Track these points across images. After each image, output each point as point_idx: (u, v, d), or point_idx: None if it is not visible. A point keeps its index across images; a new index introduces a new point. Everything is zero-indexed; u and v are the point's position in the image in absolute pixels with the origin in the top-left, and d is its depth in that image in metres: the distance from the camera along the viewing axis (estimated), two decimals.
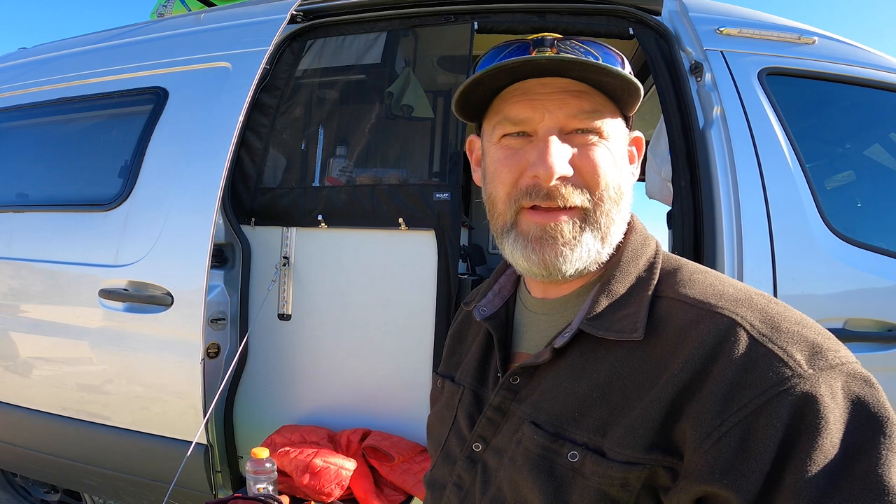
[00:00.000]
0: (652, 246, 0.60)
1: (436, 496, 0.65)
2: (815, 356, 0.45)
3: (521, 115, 0.56)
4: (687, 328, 0.49)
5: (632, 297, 0.55)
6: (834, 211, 1.46)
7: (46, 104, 2.02)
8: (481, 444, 0.60)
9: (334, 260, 1.66)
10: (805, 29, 1.55)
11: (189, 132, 1.68)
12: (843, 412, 0.42)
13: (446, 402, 0.70)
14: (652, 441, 0.47)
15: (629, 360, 0.51)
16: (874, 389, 0.44)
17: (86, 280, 1.66)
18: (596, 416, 0.51)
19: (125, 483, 1.71)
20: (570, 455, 0.51)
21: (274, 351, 1.69)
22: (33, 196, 1.95)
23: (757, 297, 0.51)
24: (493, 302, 0.68)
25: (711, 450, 0.44)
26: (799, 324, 0.47)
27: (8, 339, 1.82)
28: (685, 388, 0.47)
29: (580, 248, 0.54)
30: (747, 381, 0.44)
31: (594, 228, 0.55)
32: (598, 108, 0.55)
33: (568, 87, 0.55)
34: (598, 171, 0.54)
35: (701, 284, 0.53)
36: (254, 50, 1.71)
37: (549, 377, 0.56)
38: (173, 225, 1.58)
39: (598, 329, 0.53)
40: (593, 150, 0.55)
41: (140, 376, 1.62)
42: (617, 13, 1.64)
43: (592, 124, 0.55)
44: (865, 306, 1.41)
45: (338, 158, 1.79)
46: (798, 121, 1.49)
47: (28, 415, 1.76)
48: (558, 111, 0.54)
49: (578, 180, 0.54)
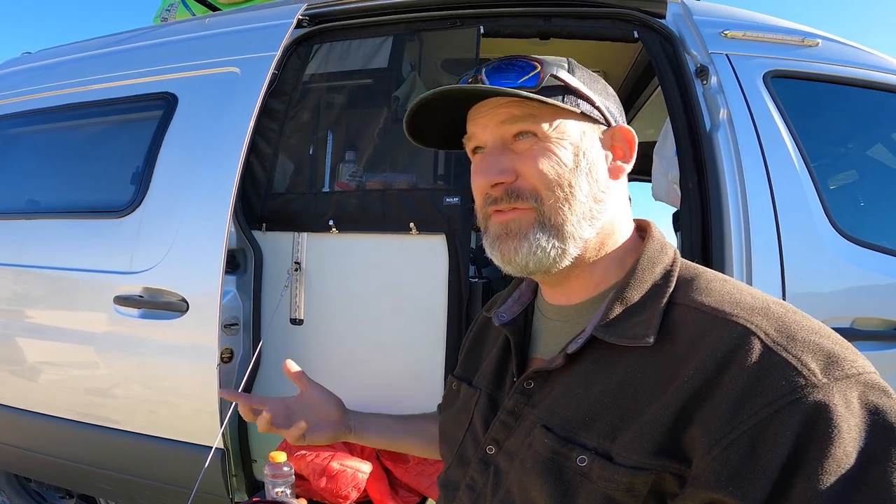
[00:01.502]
0: (669, 254, 0.61)
1: (448, 497, 0.66)
2: (830, 365, 0.44)
3: (471, 132, 0.63)
4: (700, 335, 0.50)
5: (646, 305, 0.56)
6: (840, 211, 1.48)
7: (55, 109, 2.02)
8: (494, 447, 0.62)
9: (346, 265, 1.68)
10: (808, 31, 1.57)
11: (199, 138, 1.69)
12: (858, 422, 0.42)
13: (462, 404, 0.71)
14: (660, 447, 0.48)
15: (641, 366, 0.52)
16: (892, 399, 0.44)
17: (101, 287, 1.67)
18: (607, 422, 0.52)
19: (140, 487, 1.73)
20: (579, 459, 0.52)
21: (287, 355, 1.69)
22: (45, 203, 1.96)
23: (774, 305, 0.51)
24: (512, 308, 0.70)
25: (719, 457, 0.44)
26: (816, 333, 0.47)
27: (22, 346, 1.83)
28: (696, 395, 0.47)
29: (528, 244, 0.57)
30: (759, 389, 0.44)
31: (544, 225, 0.58)
32: (531, 113, 0.58)
33: (501, 101, 0.59)
34: (536, 171, 0.58)
35: (717, 292, 0.54)
36: (262, 55, 1.72)
37: (562, 382, 0.57)
38: (186, 231, 1.60)
39: (610, 335, 0.55)
40: (531, 152, 0.58)
41: (155, 381, 1.64)
42: (621, 16, 1.65)
43: (525, 126, 0.58)
44: (872, 305, 1.42)
45: (347, 163, 1.80)
46: (803, 123, 1.50)
47: (44, 420, 1.78)
48: (491, 123, 0.60)
49: (522, 182, 0.58)
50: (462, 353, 0.80)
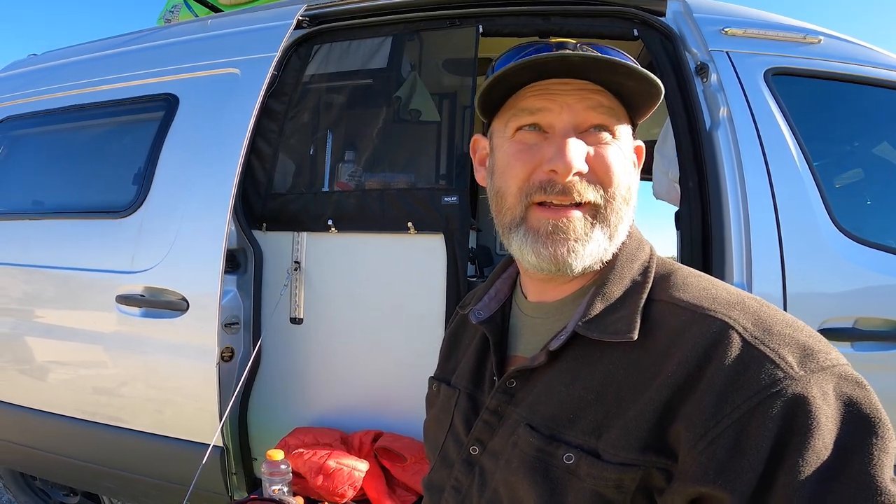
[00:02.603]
0: (646, 251, 0.61)
1: (434, 499, 0.66)
2: (806, 358, 0.45)
3: (537, 105, 0.56)
4: (680, 331, 0.50)
5: (626, 301, 0.56)
6: (843, 210, 1.46)
7: (60, 111, 2.05)
8: (478, 447, 0.61)
9: (345, 264, 1.68)
10: (810, 28, 1.55)
11: (200, 139, 1.71)
12: (834, 413, 0.43)
13: (442, 405, 0.70)
14: (646, 443, 0.48)
15: (623, 362, 0.52)
16: (866, 391, 0.45)
17: (103, 286, 1.69)
18: (590, 418, 0.52)
19: (143, 485, 1.74)
20: (566, 457, 0.52)
21: (287, 354, 1.72)
22: (49, 203, 1.99)
23: (749, 300, 0.52)
24: (489, 306, 0.69)
25: (705, 451, 0.44)
26: (790, 326, 0.48)
27: (27, 344, 1.86)
28: (679, 390, 0.47)
29: (591, 244, 0.55)
30: (740, 382, 0.45)
31: (604, 225, 0.56)
32: (614, 107, 0.57)
33: (586, 86, 0.56)
34: (612, 170, 0.56)
35: (694, 288, 0.54)
36: (262, 56, 1.73)
37: (544, 380, 0.57)
38: (187, 231, 1.61)
39: (592, 331, 0.54)
40: (607, 149, 0.56)
41: (157, 380, 1.65)
42: (621, 14, 1.65)
43: (608, 120, 0.56)
44: (876, 305, 1.41)
45: (347, 163, 1.81)
46: (805, 121, 1.48)
47: (47, 418, 1.80)
48: (577, 104, 0.55)
49: (592, 177, 0.55)
50: (441, 354, 0.80)
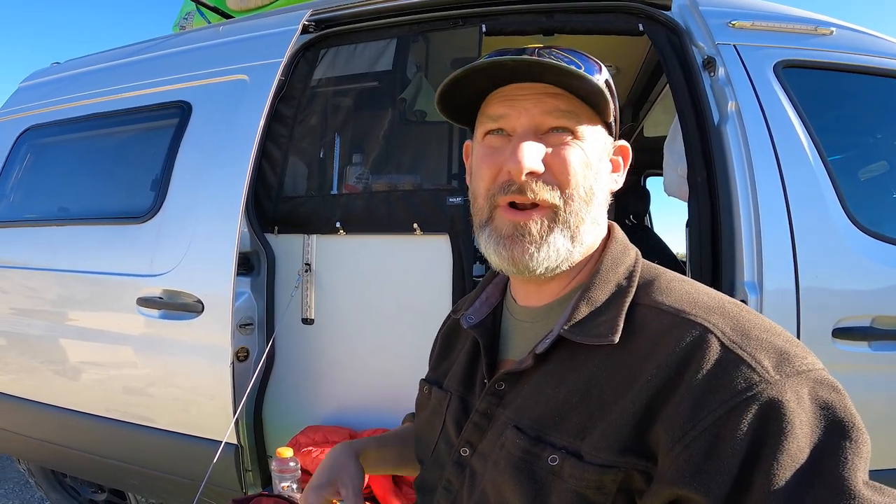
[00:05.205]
0: (632, 255, 0.62)
1: (426, 499, 0.68)
2: (782, 363, 0.46)
3: (499, 112, 0.59)
4: (662, 334, 0.51)
5: (611, 305, 0.57)
6: (859, 205, 1.42)
7: (82, 119, 2.12)
8: (468, 449, 0.63)
9: (354, 266, 1.71)
10: (822, 20, 1.50)
11: (212, 145, 1.75)
12: (809, 417, 0.44)
13: (434, 408, 0.72)
14: (626, 445, 0.49)
15: (606, 365, 0.53)
16: (840, 395, 0.45)
17: (125, 289, 1.76)
18: (575, 421, 0.53)
19: (164, 483, 1.81)
20: (551, 459, 0.53)
21: (299, 354, 1.76)
22: (74, 210, 2.07)
23: (729, 305, 0.53)
24: (480, 310, 0.71)
25: (682, 453, 0.45)
26: (768, 331, 0.49)
27: (56, 345, 1.94)
28: (659, 393, 0.48)
29: (547, 248, 0.57)
30: (717, 386, 0.46)
31: (564, 227, 0.57)
32: (573, 109, 0.58)
33: (546, 90, 0.57)
34: (569, 170, 0.57)
35: (676, 292, 0.55)
36: (269, 62, 1.76)
37: (531, 382, 0.58)
38: (201, 235, 1.66)
39: (577, 335, 0.55)
40: (566, 149, 0.57)
41: (176, 380, 1.71)
42: (625, 9, 1.62)
43: (567, 122, 0.57)
44: (894, 303, 1.37)
45: (354, 166, 1.83)
46: (818, 114, 1.44)
47: (76, 417, 1.88)
48: (534, 109, 0.57)
49: (549, 177, 0.57)
50: (432, 357, 0.81)
